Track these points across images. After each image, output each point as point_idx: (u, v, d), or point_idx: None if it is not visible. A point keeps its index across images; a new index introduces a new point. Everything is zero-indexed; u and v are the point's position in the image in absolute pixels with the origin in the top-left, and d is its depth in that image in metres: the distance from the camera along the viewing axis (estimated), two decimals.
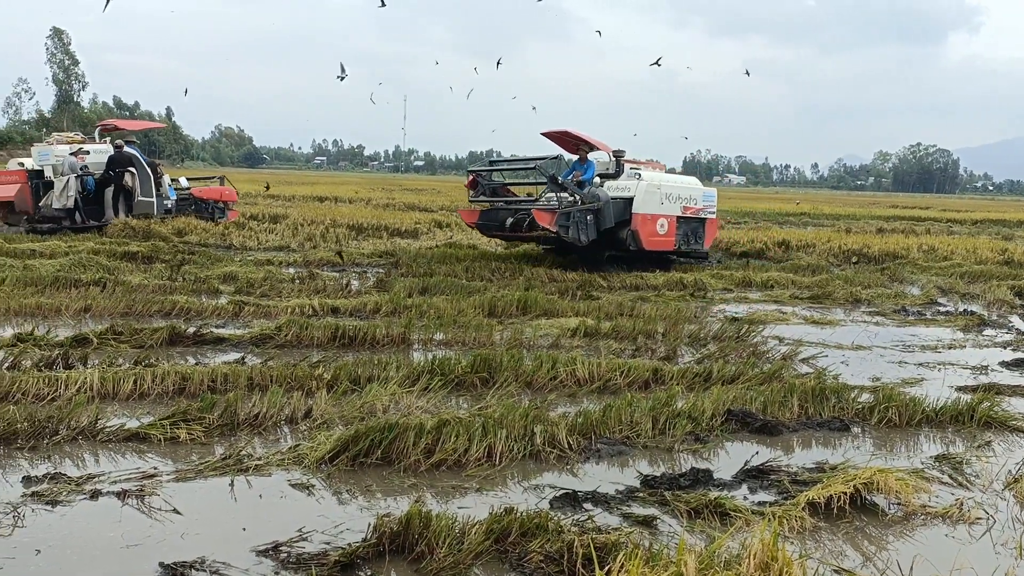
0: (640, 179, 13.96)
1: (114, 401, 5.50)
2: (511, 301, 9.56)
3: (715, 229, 15.60)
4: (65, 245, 13.03)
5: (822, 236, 21.23)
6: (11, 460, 4.45)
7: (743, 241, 19.03)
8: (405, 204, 30.07)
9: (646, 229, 13.80)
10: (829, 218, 35.30)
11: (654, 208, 13.91)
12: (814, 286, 12.85)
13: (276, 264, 12.96)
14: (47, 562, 3.37)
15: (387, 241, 17.29)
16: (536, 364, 6.62)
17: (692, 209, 14.51)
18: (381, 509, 4.06)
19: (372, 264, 13.82)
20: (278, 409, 5.28)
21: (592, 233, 13.28)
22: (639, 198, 13.79)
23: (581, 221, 13.17)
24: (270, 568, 3.42)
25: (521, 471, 4.71)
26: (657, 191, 13.95)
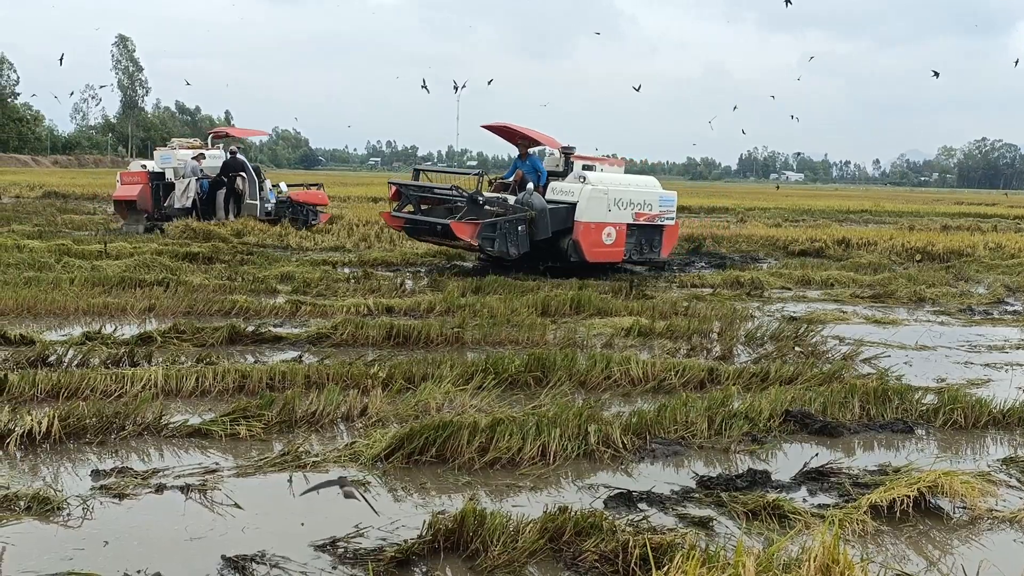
0: (585, 182, 12.45)
1: (177, 398, 5.64)
2: (564, 300, 9.54)
3: (675, 236, 14.19)
4: (131, 247, 13.39)
5: (884, 234, 20.76)
6: (81, 454, 4.59)
7: (801, 239, 18.70)
8: None
9: (589, 239, 12.29)
10: (891, 215, 34.50)
11: (600, 215, 12.37)
12: (876, 285, 12.56)
13: (332, 264, 13.15)
14: (114, 553, 3.47)
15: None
16: (590, 363, 6.60)
17: (647, 215, 12.99)
18: (436, 506, 4.09)
19: (426, 264, 13.92)
20: (334, 407, 5.36)
21: (524, 245, 12.03)
22: (582, 204, 12.27)
23: (510, 232, 11.87)
24: (327, 563, 3.48)
25: (575, 470, 4.70)
26: (604, 196, 12.39)
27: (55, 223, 18.04)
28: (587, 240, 12.26)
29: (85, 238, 14.97)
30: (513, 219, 11.87)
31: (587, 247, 12.29)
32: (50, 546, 3.50)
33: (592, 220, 12.27)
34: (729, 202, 40.14)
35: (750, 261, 16.06)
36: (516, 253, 11.93)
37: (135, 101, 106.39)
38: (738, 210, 33.76)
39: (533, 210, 12.02)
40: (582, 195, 12.31)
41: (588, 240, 12.27)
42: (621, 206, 12.58)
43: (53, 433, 4.65)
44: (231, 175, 17.68)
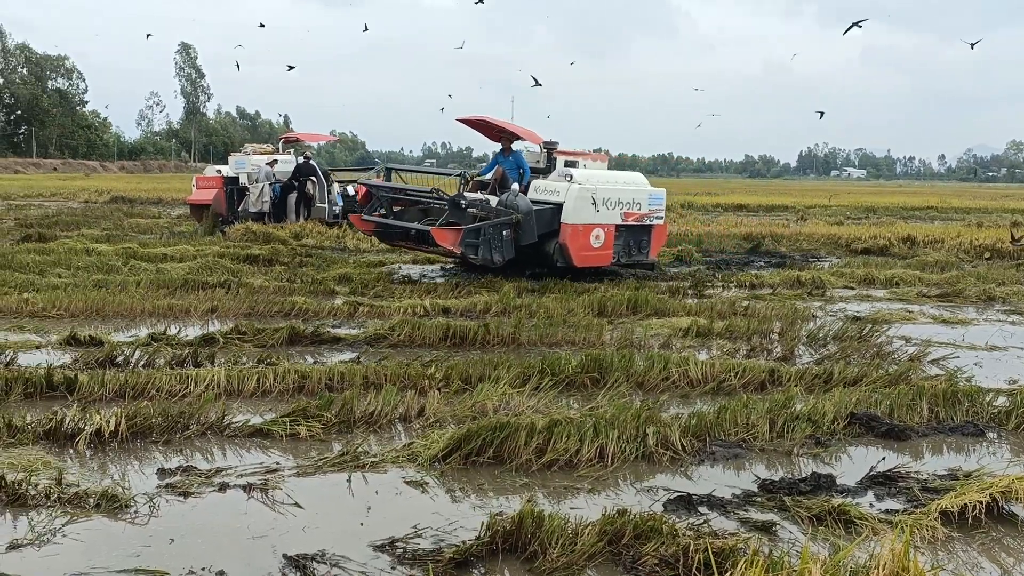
0: (572, 181, 11.49)
1: (239, 398, 5.73)
2: (621, 300, 9.46)
3: (663, 236, 13.12)
4: (193, 249, 13.70)
5: (951, 231, 20.16)
6: (147, 453, 4.70)
7: (865, 237, 18.28)
8: None
9: (577, 242, 11.35)
10: (958, 212, 33.51)
11: (587, 216, 11.42)
12: (943, 283, 12.20)
13: (389, 265, 13.27)
14: (180, 551, 3.53)
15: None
16: (647, 364, 6.53)
17: (635, 215, 12.07)
18: (493, 508, 4.08)
19: None
20: (392, 407, 5.39)
21: (509, 251, 11.12)
22: (569, 205, 11.33)
23: (495, 238, 10.94)
24: (386, 563, 3.49)
25: (633, 472, 4.64)
26: (592, 195, 11.44)
27: (122, 227, 18.57)
28: (575, 243, 11.34)
29: (151, 241, 15.37)
30: (498, 223, 10.94)
31: (575, 251, 11.36)
32: (118, 543, 3.59)
33: (580, 222, 11.36)
34: (788, 200, 39.45)
35: (811, 260, 15.74)
36: (501, 260, 11.04)
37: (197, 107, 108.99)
38: (798, 208, 33.15)
39: (519, 213, 11.09)
40: (569, 195, 11.37)
41: (576, 243, 11.36)
42: (609, 206, 11.67)
43: (121, 432, 4.77)
44: (302, 179, 18.18)
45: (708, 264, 14.63)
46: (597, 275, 11.99)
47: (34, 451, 4.48)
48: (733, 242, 18.32)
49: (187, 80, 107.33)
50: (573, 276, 11.37)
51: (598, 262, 11.78)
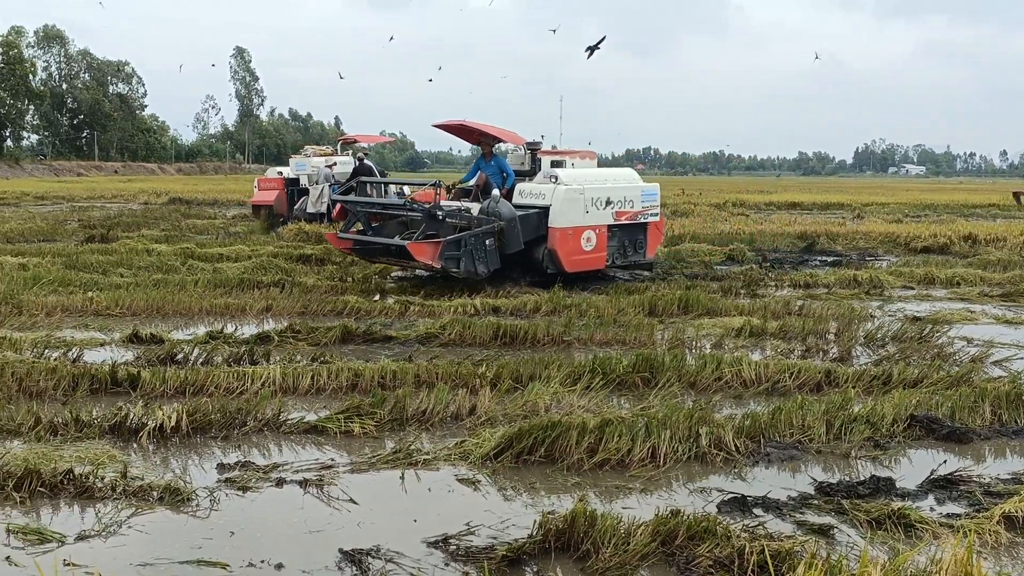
0: (557, 182, 10.77)
1: (294, 395, 5.83)
2: (672, 300, 9.39)
3: (660, 233, 12.43)
4: (248, 249, 13.96)
5: (1014, 228, 19.57)
6: (206, 448, 4.81)
7: (924, 235, 17.84)
8: None
9: (567, 247, 10.63)
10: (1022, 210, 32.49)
11: (577, 218, 10.73)
12: (1006, 283, 11.85)
13: None
14: (240, 543, 3.62)
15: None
16: (699, 364, 6.48)
17: (628, 213, 11.37)
18: (545, 506, 4.09)
19: None
20: (444, 406, 5.43)
21: (494, 261, 10.37)
22: (556, 207, 10.63)
23: (477, 249, 10.18)
24: (440, 559, 3.52)
25: (686, 473, 4.61)
26: (580, 196, 10.72)
27: (180, 227, 19.01)
28: (564, 248, 10.61)
29: (207, 242, 15.70)
30: (479, 233, 10.18)
31: (565, 256, 10.63)
32: (181, 535, 3.68)
33: (569, 225, 10.64)
34: (844, 198, 38.71)
35: (868, 259, 15.42)
36: (485, 271, 10.30)
37: (251, 110, 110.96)
38: (854, 206, 32.49)
39: (502, 220, 10.37)
40: (555, 197, 10.66)
41: (566, 248, 10.62)
42: (600, 205, 10.97)
43: (182, 427, 4.89)
44: (359, 180, 18.40)
45: (761, 263, 14.43)
46: (590, 280, 11.26)
47: (100, 445, 4.62)
48: (787, 241, 18.04)
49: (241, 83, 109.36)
50: (564, 283, 10.57)
51: (591, 266, 11.07)
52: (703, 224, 21.68)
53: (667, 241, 17.41)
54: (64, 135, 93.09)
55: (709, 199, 35.66)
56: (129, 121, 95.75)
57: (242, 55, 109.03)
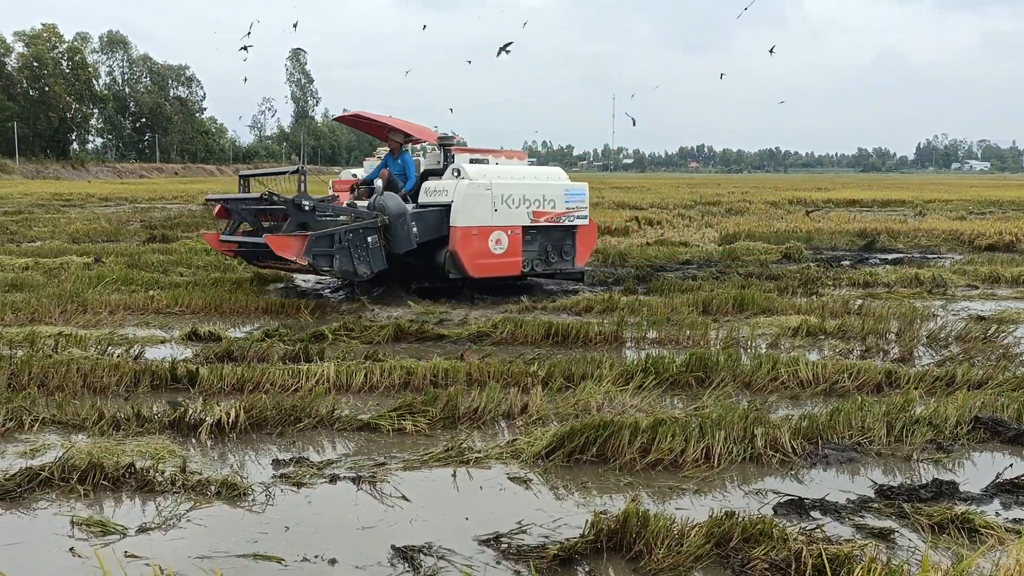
0: (460, 177, 9.79)
1: (347, 392, 5.90)
2: (727, 299, 9.27)
3: (592, 239, 11.34)
4: None
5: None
6: (262, 444, 4.89)
7: (989, 233, 17.32)
8: (614, 202, 30.06)
9: (471, 248, 9.62)
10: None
11: (484, 217, 9.72)
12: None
13: None
14: (294, 539, 3.66)
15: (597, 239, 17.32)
16: (755, 364, 6.37)
17: (549, 215, 10.27)
18: (597, 506, 4.06)
19: None
20: (496, 404, 5.44)
21: (378, 261, 9.31)
22: (458, 204, 9.63)
23: (357, 246, 9.14)
24: (491, 557, 3.52)
25: (741, 474, 4.54)
26: (487, 193, 9.72)
27: None
28: (468, 250, 9.60)
29: None
30: (358, 228, 9.20)
31: (468, 259, 9.61)
32: (237, 529, 3.74)
33: (473, 224, 9.65)
34: (906, 194, 37.79)
35: (930, 257, 15.02)
36: (368, 272, 9.27)
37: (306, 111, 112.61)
38: (916, 203, 31.70)
39: (386, 215, 9.37)
40: (457, 192, 9.71)
41: (469, 250, 9.61)
42: (512, 204, 9.91)
43: (239, 424, 4.98)
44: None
45: (818, 261, 14.16)
46: (506, 289, 10.24)
47: (160, 440, 4.73)
48: (845, 239, 17.68)
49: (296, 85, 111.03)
50: (472, 289, 9.85)
51: (502, 272, 9.99)
52: (758, 222, 21.37)
53: (721, 239, 17.27)
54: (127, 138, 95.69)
55: (764, 196, 35.14)
56: (189, 124, 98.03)
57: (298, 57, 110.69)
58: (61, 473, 4.15)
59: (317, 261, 9.00)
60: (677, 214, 24.80)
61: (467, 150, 11.02)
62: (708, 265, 13.57)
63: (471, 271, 9.65)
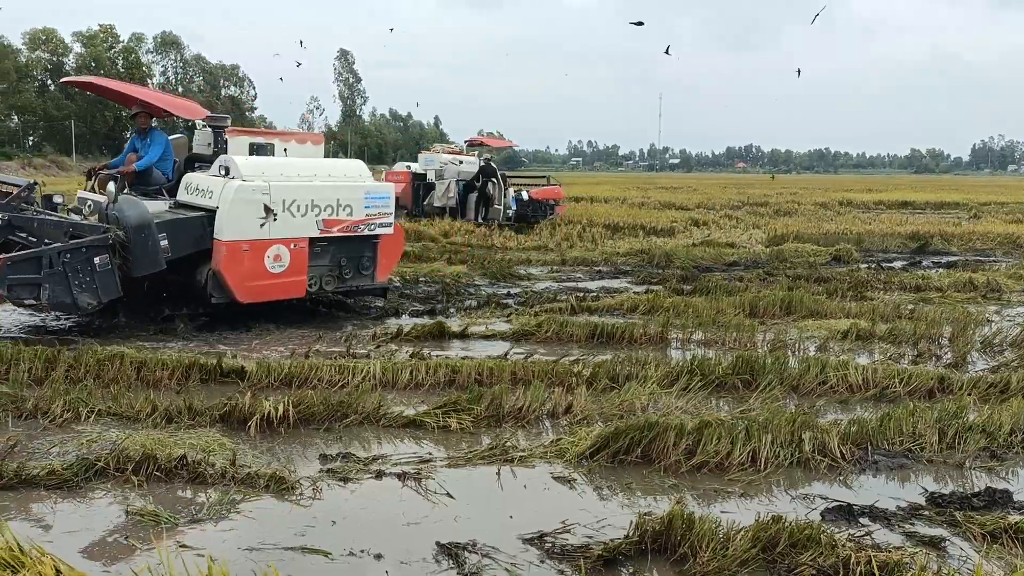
0: (229, 175, 7.74)
1: (393, 390, 5.95)
2: (774, 301, 9.16)
3: (398, 250, 9.28)
4: None
5: None
6: (310, 439, 4.96)
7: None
8: (660, 202, 29.87)
9: (240, 268, 7.60)
10: None
11: (256, 228, 7.65)
12: None
13: (534, 264, 13.41)
14: (341, 532, 3.72)
15: (643, 240, 17.27)
16: (803, 367, 6.30)
17: (345, 223, 8.28)
18: (641, 507, 4.05)
19: (628, 263, 13.85)
20: (540, 404, 5.45)
21: (111, 288, 7.03)
22: (225, 212, 7.56)
23: (76, 271, 6.85)
24: (535, 556, 3.53)
25: (788, 478, 4.49)
26: (263, 198, 7.66)
27: None
28: (236, 270, 7.58)
29: None
30: (78, 248, 6.90)
31: (236, 281, 7.58)
32: (285, 522, 3.81)
33: (243, 237, 7.60)
34: (960, 196, 36.92)
35: (985, 261, 14.66)
36: (94, 303, 6.98)
37: (354, 110, 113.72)
38: (970, 205, 30.96)
39: (123, 228, 7.14)
40: (223, 197, 7.59)
41: (238, 270, 7.59)
42: (297, 211, 7.90)
43: (288, 418, 5.06)
44: (484, 180, 18.95)
45: (869, 264, 13.92)
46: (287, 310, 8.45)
47: (211, 433, 4.82)
48: (897, 241, 17.35)
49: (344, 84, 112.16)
50: (238, 311, 7.86)
51: (281, 294, 7.99)
52: (807, 223, 21.06)
53: (769, 240, 17.06)
54: None
55: (813, 197, 34.62)
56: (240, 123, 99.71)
57: (345, 57, 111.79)
58: (116, 464, 4.26)
59: (16, 292, 6.73)
60: (724, 214, 24.56)
61: (246, 132, 9.13)
62: (755, 266, 13.42)
63: (240, 295, 7.63)
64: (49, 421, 5.00)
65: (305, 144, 9.21)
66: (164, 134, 8.83)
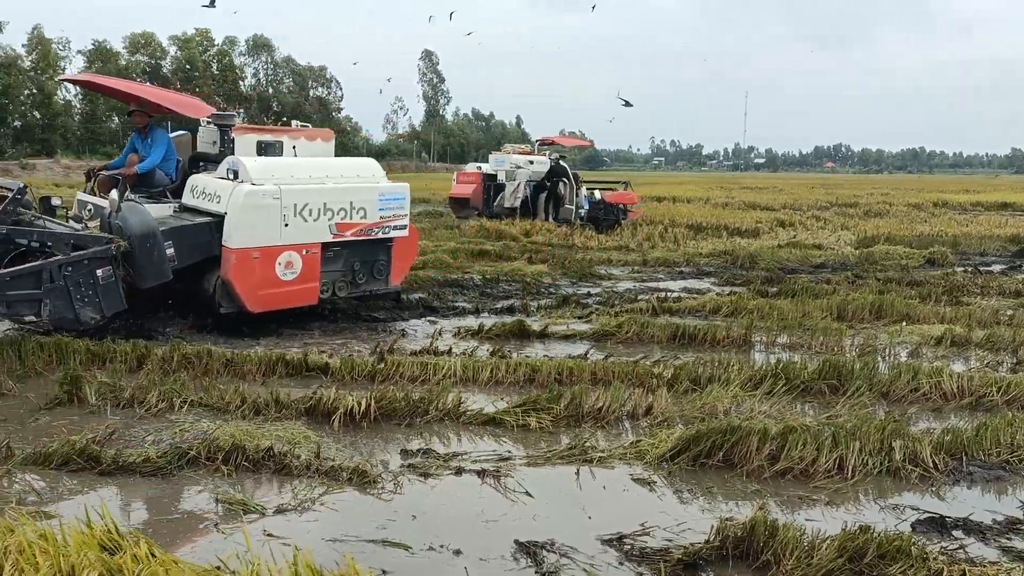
0: (238, 179, 7.38)
1: (473, 387, 6.00)
2: (863, 305, 8.88)
3: (412, 252, 8.99)
4: (432, 244, 14.46)
5: None
6: (391, 434, 5.04)
7: None
8: (745, 203, 29.28)
9: (251, 277, 7.29)
10: None
11: (269, 235, 7.37)
12: None
13: (614, 264, 13.32)
14: (421, 527, 3.76)
15: (726, 240, 16.97)
16: (894, 373, 6.09)
17: (359, 226, 8.01)
18: (722, 512, 3.99)
19: (711, 264, 13.63)
20: (620, 404, 5.41)
21: (115, 302, 6.68)
22: (235, 218, 7.24)
23: (77, 285, 6.46)
24: (614, 558, 3.51)
25: (876, 488, 4.35)
26: (274, 203, 7.37)
27: None
28: (247, 279, 7.27)
29: None
30: (80, 260, 6.50)
31: (247, 290, 7.28)
32: (367, 515, 3.88)
33: (253, 244, 7.29)
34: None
35: None
36: (97, 318, 6.61)
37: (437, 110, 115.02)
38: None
39: (127, 237, 6.78)
40: (232, 202, 7.27)
41: (249, 279, 7.29)
42: (309, 216, 7.60)
43: (370, 413, 5.15)
44: (554, 180, 18.85)
45: (965, 268, 13.36)
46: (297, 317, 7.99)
47: (297, 426, 4.95)
48: (995, 244, 16.61)
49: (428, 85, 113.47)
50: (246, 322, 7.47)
51: (292, 302, 7.69)
52: (899, 225, 20.36)
53: (858, 242, 16.55)
54: None
55: (906, 198, 33.42)
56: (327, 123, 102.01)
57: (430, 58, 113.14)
58: (207, 453, 4.41)
59: (16, 309, 6.35)
60: (811, 215, 23.92)
61: (254, 129, 8.59)
62: (844, 269, 13.04)
63: (250, 305, 7.34)
64: (145, 410, 5.21)
65: (315, 141, 8.77)
66: (166, 133, 8.46)
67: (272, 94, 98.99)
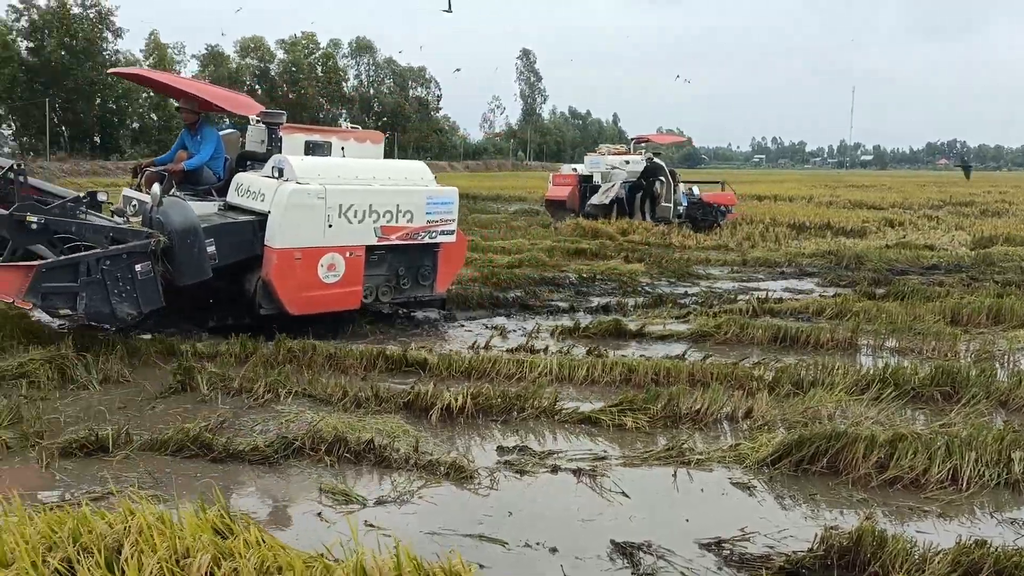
0: (283, 178, 7.23)
1: (569, 385, 6.00)
2: (979, 308, 8.46)
3: (460, 257, 8.69)
4: (528, 243, 14.52)
5: None
6: (487, 430, 5.09)
7: None
8: (850, 201, 28.26)
9: (292, 279, 7.12)
10: None
11: (312, 235, 7.19)
12: None
13: (713, 263, 13.08)
14: (516, 523, 3.78)
15: (830, 240, 16.44)
16: (1013, 381, 5.79)
17: (405, 230, 7.77)
18: (827, 520, 3.87)
19: (815, 264, 13.22)
20: (719, 406, 5.31)
21: (153, 298, 6.42)
22: (278, 217, 7.07)
23: (116, 278, 6.23)
24: (712, 562, 3.45)
25: (993, 500, 4.14)
26: (319, 202, 7.18)
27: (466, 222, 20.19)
28: (288, 280, 7.11)
29: (491, 235, 16.55)
30: (119, 254, 6.30)
31: (288, 292, 7.11)
32: (464, 510, 3.93)
33: (296, 244, 7.13)
34: None
35: None
36: (134, 314, 6.38)
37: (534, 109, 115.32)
38: None
39: (168, 233, 6.60)
40: (276, 201, 7.11)
41: (290, 281, 7.12)
42: (354, 217, 7.40)
43: (467, 409, 5.21)
44: (650, 179, 18.65)
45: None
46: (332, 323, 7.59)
47: (396, 419, 5.05)
48: None
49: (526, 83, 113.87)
50: (283, 327, 7.08)
51: (334, 306, 7.46)
52: (1019, 225, 19.29)
53: (974, 243, 15.77)
54: None
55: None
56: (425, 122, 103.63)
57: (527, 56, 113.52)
58: (311, 443, 4.55)
59: (51, 302, 6.11)
60: (922, 215, 22.93)
61: (302, 129, 8.45)
62: (958, 270, 12.45)
63: (291, 307, 7.18)
64: (253, 400, 5.41)
65: (364, 143, 8.61)
66: (215, 130, 8.26)
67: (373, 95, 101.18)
